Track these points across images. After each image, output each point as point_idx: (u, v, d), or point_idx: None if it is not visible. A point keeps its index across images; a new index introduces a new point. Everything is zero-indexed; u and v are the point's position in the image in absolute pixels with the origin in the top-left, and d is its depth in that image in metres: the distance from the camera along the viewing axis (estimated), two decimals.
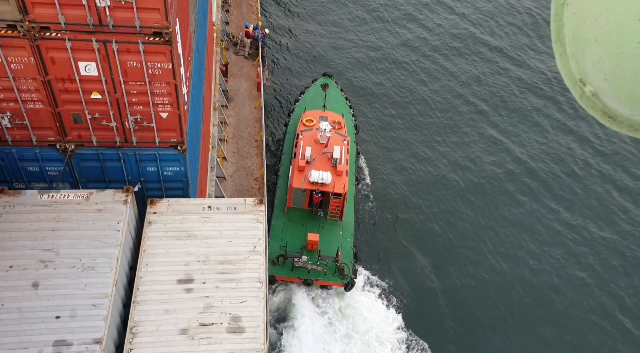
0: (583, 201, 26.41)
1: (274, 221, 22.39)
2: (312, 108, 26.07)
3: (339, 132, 24.27)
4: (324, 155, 22.52)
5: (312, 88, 28.00)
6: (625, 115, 2.38)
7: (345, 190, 21.75)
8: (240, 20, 30.96)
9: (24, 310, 11.10)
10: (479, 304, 22.66)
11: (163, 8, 11.04)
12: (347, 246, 22.15)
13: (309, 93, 27.60)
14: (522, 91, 31.79)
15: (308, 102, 26.86)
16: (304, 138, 23.25)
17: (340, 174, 22.03)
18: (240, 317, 12.10)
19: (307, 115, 25.05)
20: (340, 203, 22.19)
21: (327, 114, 25.36)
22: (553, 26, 2.49)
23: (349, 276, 21.19)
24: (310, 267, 20.86)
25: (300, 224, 22.34)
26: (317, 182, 21.42)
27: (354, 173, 24.97)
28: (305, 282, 21.09)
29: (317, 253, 21.24)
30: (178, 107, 12.79)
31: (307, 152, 22.30)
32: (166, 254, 12.95)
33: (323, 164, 22.23)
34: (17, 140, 12.97)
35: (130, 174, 13.91)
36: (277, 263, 20.95)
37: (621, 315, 22.40)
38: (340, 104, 27.14)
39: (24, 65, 11.65)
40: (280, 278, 21.13)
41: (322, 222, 22.58)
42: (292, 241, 21.67)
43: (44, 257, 11.92)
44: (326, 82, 27.94)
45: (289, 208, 22.76)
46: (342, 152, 22.71)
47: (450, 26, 36.17)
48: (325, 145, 22.92)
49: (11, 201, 12.73)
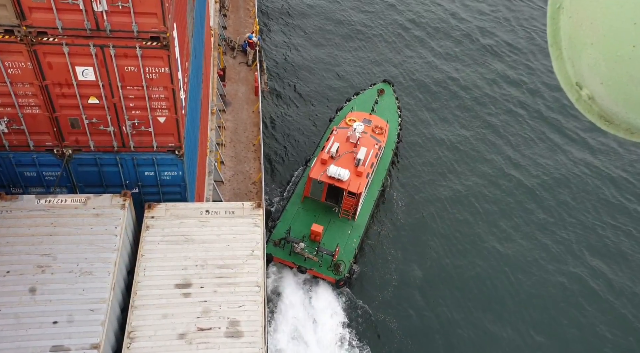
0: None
1: (288, 206, 23.24)
2: (361, 110, 26.65)
3: (376, 136, 24.71)
4: (350, 154, 23.15)
5: (367, 91, 28.64)
6: (621, 118, 2.39)
7: (359, 190, 22.16)
8: (238, 25, 30.99)
9: (21, 315, 11.05)
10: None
11: (160, 13, 11.04)
12: (350, 245, 22.44)
13: (363, 95, 28.23)
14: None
15: (358, 103, 27.49)
16: (337, 134, 24.07)
17: (360, 174, 22.54)
18: (238, 321, 12.07)
19: (351, 115, 25.83)
20: (354, 203, 22.64)
21: (372, 118, 25.95)
22: (549, 30, 2.51)
23: (343, 274, 21.59)
24: (307, 256, 21.45)
25: (312, 215, 22.99)
26: (333, 176, 22.07)
27: (382, 179, 25.12)
28: (299, 269, 21.75)
29: (318, 244, 21.85)
30: (176, 112, 12.78)
31: (334, 147, 23.05)
32: (164, 259, 12.92)
33: (347, 162, 22.83)
34: (14, 145, 12.94)
35: (128, 178, 13.88)
36: (278, 245, 21.78)
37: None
38: (391, 111, 27.52)
39: (21, 70, 11.64)
40: (277, 259, 21.89)
41: (334, 217, 23.11)
42: (299, 228, 22.33)
43: (41, 262, 11.88)
44: (383, 88, 28.51)
45: (306, 198, 23.43)
46: (368, 154, 23.27)
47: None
48: (355, 144, 23.42)
49: (8, 206, 12.69)
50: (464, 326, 21.86)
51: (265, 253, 13.91)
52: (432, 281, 23.24)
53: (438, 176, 27.33)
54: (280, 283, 21.98)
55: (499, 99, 31.74)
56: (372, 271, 23.29)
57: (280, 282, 22.04)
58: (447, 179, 27.22)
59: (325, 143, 24.12)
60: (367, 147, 23.52)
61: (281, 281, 22.04)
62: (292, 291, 21.81)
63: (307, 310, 21.47)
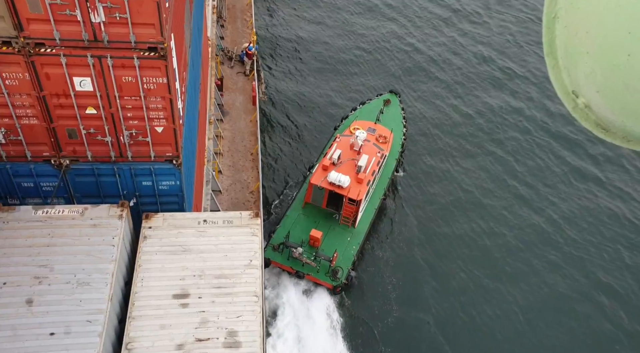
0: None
1: (289, 212, 23.41)
2: (366, 119, 26.81)
3: (380, 145, 24.86)
4: (352, 161, 23.33)
5: (374, 101, 28.82)
6: (618, 126, 2.40)
7: (359, 197, 22.26)
8: (235, 35, 31.12)
9: (18, 327, 10.98)
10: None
11: (158, 23, 11.08)
12: (349, 252, 22.49)
13: (369, 105, 28.42)
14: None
15: (364, 112, 27.67)
16: (340, 142, 24.34)
17: (361, 181, 22.66)
18: (236, 331, 12.00)
19: (356, 124, 26.04)
20: (354, 210, 22.75)
21: (377, 127, 26.09)
22: (545, 39, 2.52)
23: (341, 280, 21.61)
24: (304, 261, 21.55)
25: (313, 220, 23.11)
26: (334, 183, 22.24)
27: (385, 188, 25.16)
28: (297, 274, 21.85)
29: (316, 249, 21.94)
30: (173, 122, 12.79)
31: (336, 154, 23.32)
32: (162, 269, 12.87)
33: (348, 169, 22.99)
34: (11, 156, 12.92)
35: (126, 188, 13.86)
36: (277, 249, 21.91)
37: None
38: (396, 121, 27.63)
39: (18, 81, 11.64)
40: (275, 263, 22.00)
41: (334, 223, 23.21)
42: (298, 233, 22.42)
43: (38, 273, 11.82)
44: (389, 98, 28.68)
45: (307, 204, 23.59)
46: (370, 162, 23.39)
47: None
48: (357, 152, 23.66)
49: (5, 217, 12.64)
50: (459, 339, 21.75)
51: (264, 257, 13.96)
52: (431, 292, 23.11)
53: (442, 187, 27.24)
54: (279, 289, 22.05)
55: (508, 121, 31.41)
56: (371, 278, 23.22)
57: (278, 287, 22.11)
58: (451, 190, 27.12)
59: (327, 150, 24.35)
60: (369, 155, 23.66)
61: (279, 286, 22.12)
62: (290, 296, 21.87)
63: (303, 315, 21.48)
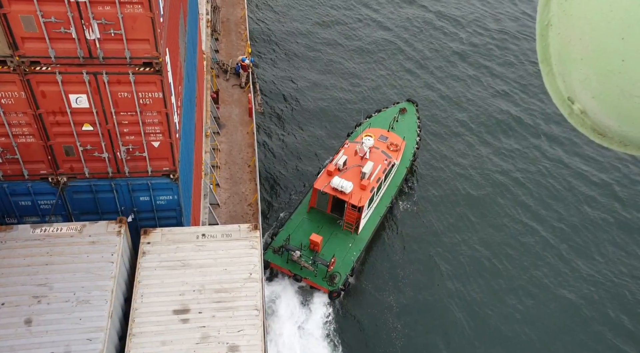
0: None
1: (293, 216, 23.60)
2: (380, 126, 26.82)
3: (389, 152, 24.89)
4: (357, 168, 23.43)
5: (390, 109, 28.87)
6: (614, 131, 2.40)
7: (361, 203, 22.31)
8: (230, 48, 31.24)
9: (17, 348, 10.87)
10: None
11: (153, 38, 11.12)
12: (349, 258, 22.46)
13: (385, 113, 28.47)
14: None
15: (378, 120, 27.73)
16: (347, 148, 24.49)
17: (364, 188, 22.73)
18: (237, 346, 11.91)
19: (369, 131, 26.00)
20: (356, 216, 22.79)
21: (389, 135, 26.09)
22: (539, 47, 2.53)
23: (337, 285, 21.62)
24: (303, 264, 21.64)
25: (316, 225, 23.23)
26: (336, 188, 22.35)
27: (392, 196, 25.09)
28: (294, 277, 21.96)
29: (316, 253, 22.01)
30: (170, 136, 12.79)
31: (342, 160, 23.43)
32: (161, 284, 12.79)
33: (352, 175, 23.10)
34: (8, 174, 12.88)
35: (123, 204, 13.82)
36: (277, 252, 22.13)
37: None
38: (410, 130, 27.61)
39: (14, 99, 11.64)
40: (274, 266, 22.17)
41: (337, 229, 23.27)
42: (300, 237, 22.52)
43: (37, 292, 11.73)
44: (405, 107, 28.66)
45: (312, 209, 23.71)
46: (375, 169, 23.48)
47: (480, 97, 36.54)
48: (363, 158, 23.81)
49: (3, 237, 12.58)
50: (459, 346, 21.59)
51: (263, 260, 13.92)
52: (429, 303, 22.89)
53: (449, 199, 26.97)
54: (277, 293, 22.16)
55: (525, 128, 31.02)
56: (369, 286, 23.09)
57: (276, 291, 22.21)
58: (458, 203, 26.79)
59: (334, 156, 24.50)
60: (375, 162, 23.71)
61: (278, 290, 22.22)
62: (287, 299, 21.98)
63: (299, 319, 21.49)
